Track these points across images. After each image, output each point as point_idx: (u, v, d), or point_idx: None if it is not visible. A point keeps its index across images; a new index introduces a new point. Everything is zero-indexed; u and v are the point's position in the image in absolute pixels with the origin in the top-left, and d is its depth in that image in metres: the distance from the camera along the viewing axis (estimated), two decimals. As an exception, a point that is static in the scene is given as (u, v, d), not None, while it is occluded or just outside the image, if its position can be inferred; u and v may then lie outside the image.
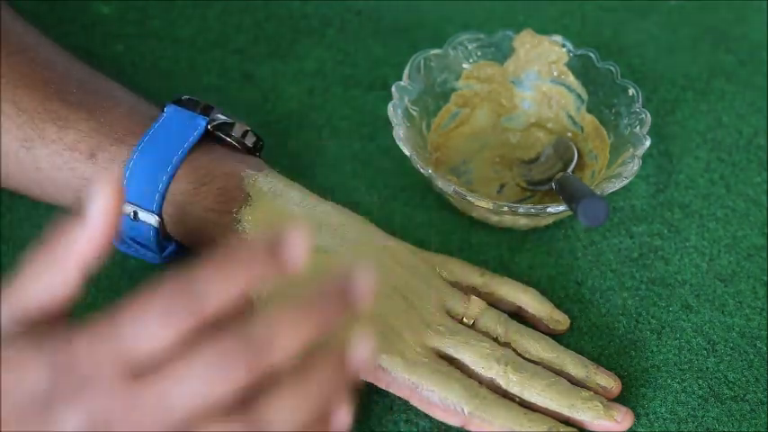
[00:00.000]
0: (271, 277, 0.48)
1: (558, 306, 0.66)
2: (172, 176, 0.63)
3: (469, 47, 0.74)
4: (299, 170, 0.72)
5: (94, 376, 0.47)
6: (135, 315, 0.47)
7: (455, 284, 0.66)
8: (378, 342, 0.60)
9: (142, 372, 0.47)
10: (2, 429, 0.47)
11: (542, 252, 0.69)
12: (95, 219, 0.50)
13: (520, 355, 0.62)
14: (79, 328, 0.48)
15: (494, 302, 0.65)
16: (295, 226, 0.47)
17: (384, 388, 0.60)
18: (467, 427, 0.60)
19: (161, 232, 0.64)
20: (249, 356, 0.46)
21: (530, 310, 0.65)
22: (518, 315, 0.66)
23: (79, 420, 0.47)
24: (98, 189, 0.50)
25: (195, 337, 0.47)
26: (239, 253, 0.47)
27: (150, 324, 0.47)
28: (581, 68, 0.73)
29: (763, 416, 0.62)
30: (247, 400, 0.47)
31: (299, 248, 0.48)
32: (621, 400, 0.62)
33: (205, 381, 0.46)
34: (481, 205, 0.66)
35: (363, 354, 0.48)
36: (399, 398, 0.61)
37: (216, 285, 0.47)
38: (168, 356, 0.47)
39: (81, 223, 0.50)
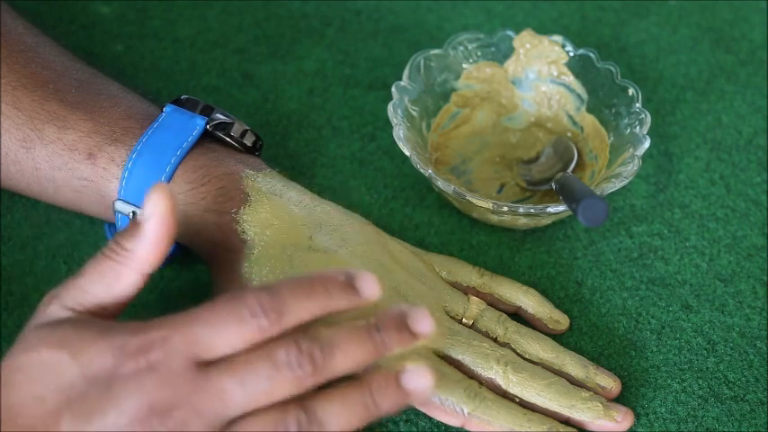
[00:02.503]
0: (344, 308, 0.52)
1: (558, 306, 0.66)
2: (170, 177, 0.63)
3: (469, 47, 0.74)
4: (299, 170, 0.72)
5: (163, 363, 0.49)
6: (216, 318, 0.50)
7: (455, 284, 0.66)
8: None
9: (208, 363, 0.50)
10: (49, 408, 0.49)
11: (542, 252, 0.69)
12: (153, 230, 0.53)
13: (520, 355, 0.62)
14: (152, 321, 0.51)
15: (493, 303, 0.65)
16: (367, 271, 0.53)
17: (384, 388, 0.61)
18: (466, 428, 0.60)
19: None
20: (316, 357, 0.50)
21: (529, 311, 0.65)
22: (518, 315, 0.66)
23: (139, 402, 0.49)
24: (154, 201, 0.53)
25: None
26: (322, 280, 0.52)
27: (230, 331, 0.50)
28: (581, 68, 0.73)
29: (763, 416, 0.62)
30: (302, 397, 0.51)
31: (373, 287, 0.53)
32: (621, 400, 0.62)
33: (269, 384, 0.50)
34: (481, 205, 0.66)
35: (420, 381, 0.52)
36: (399, 398, 0.61)
37: (298, 307, 0.51)
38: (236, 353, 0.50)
39: (140, 234, 0.54)
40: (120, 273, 0.54)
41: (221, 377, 0.50)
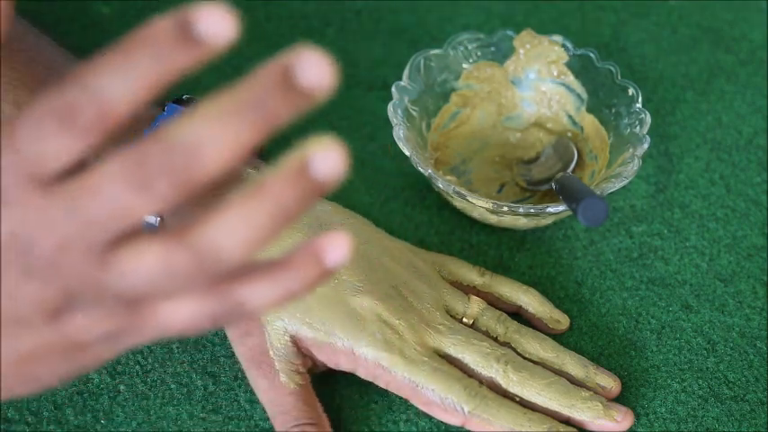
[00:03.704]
0: (190, 66, 0.39)
1: (558, 306, 0.66)
2: (171, 175, 0.63)
3: (469, 47, 0.74)
4: (298, 170, 0.72)
5: (2, 190, 0.39)
6: (32, 124, 0.39)
7: (455, 284, 0.66)
8: (377, 342, 0.60)
9: (55, 183, 0.39)
10: None
11: (542, 252, 0.69)
12: None
13: (520, 354, 0.62)
14: None
15: (494, 302, 0.65)
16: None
17: (384, 387, 0.60)
18: (467, 427, 0.60)
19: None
20: (174, 166, 0.38)
21: (530, 310, 0.65)
22: (518, 315, 0.66)
23: None
24: None
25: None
26: (143, 38, 0.38)
27: (49, 133, 0.39)
28: (581, 68, 0.73)
29: (763, 416, 0.62)
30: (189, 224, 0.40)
31: (225, 21, 0.39)
32: (621, 400, 0.62)
33: (124, 194, 0.38)
34: (481, 205, 0.66)
35: (331, 162, 0.40)
36: (399, 397, 0.61)
37: (118, 79, 0.39)
38: (83, 169, 0.39)
39: None
40: None
41: (65, 197, 0.39)
